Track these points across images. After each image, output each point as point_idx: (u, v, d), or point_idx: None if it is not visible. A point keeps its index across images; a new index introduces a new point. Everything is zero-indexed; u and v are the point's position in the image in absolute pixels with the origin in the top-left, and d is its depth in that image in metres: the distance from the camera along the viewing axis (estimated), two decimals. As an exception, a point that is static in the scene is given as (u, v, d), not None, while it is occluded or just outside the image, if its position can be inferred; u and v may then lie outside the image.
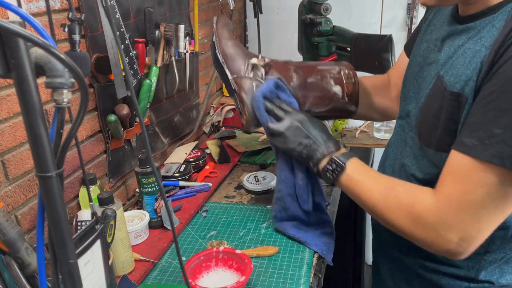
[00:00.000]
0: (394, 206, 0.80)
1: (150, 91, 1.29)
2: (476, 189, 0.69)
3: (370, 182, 0.85)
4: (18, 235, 0.72)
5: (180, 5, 1.52)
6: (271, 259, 1.05)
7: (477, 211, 0.70)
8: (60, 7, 0.99)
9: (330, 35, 1.62)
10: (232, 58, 1.03)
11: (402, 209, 0.78)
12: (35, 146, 0.38)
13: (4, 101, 0.88)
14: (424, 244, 0.78)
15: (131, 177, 1.33)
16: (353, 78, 1.07)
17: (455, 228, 0.72)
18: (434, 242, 0.75)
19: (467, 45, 0.74)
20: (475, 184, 0.69)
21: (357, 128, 1.86)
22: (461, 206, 0.71)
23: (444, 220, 0.73)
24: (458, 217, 0.72)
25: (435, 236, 0.74)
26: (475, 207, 0.70)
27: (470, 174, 0.69)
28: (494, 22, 0.70)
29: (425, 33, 0.91)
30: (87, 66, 0.72)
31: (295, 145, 0.94)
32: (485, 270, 0.83)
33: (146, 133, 0.50)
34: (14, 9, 0.39)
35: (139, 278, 0.99)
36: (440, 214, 0.73)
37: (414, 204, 0.77)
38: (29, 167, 0.95)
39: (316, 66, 1.09)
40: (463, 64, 0.73)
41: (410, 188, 0.81)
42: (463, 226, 0.72)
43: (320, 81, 1.06)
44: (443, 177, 0.75)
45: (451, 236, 0.73)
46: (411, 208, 0.77)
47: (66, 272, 0.42)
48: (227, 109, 1.84)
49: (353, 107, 1.09)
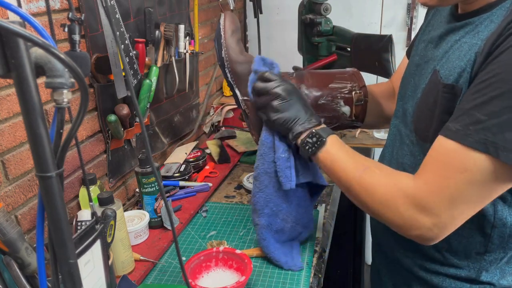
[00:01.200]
0: (368, 185, 0.79)
1: (150, 91, 1.29)
2: (456, 175, 0.68)
3: (348, 159, 0.84)
4: (18, 235, 0.72)
5: (180, 5, 1.52)
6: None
7: (453, 197, 0.69)
8: (60, 7, 0.99)
9: (330, 35, 1.62)
10: (242, 78, 0.99)
11: (377, 190, 0.78)
12: (35, 146, 0.38)
13: (4, 101, 0.88)
14: (396, 227, 0.77)
15: (131, 177, 1.33)
16: (363, 100, 1.04)
17: (430, 212, 0.71)
18: (406, 225, 0.75)
19: (464, 39, 0.74)
20: (455, 169, 0.68)
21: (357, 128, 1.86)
22: (438, 191, 0.70)
23: (420, 203, 0.72)
24: (434, 201, 0.71)
25: (408, 219, 0.74)
26: (452, 193, 0.69)
27: (451, 159, 0.69)
28: (493, 17, 0.71)
29: (423, 34, 0.91)
30: (87, 66, 0.72)
31: (278, 114, 0.90)
32: (486, 271, 0.83)
33: (146, 133, 0.50)
34: (14, 9, 0.39)
35: (139, 278, 0.99)
36: (416, 197, 0.72)
37: (390, 186, 0.76)
38: (29, 167, 0.95)
39: (329, 83, 1.05)
40: (458, 57, 0.74)
41: (389, 171, 0.81)
42: (437, 212, 0.71)
43: (330, 103, 1.04)
44: (425, 161, 0.74)
45: (425, 220, 0.72)
46: (386, 189, 0.76)
47: (66, 272, 0.42)
48: (227, 109, 1.84)
49: (359, 123, 1.08)
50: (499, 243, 0.81)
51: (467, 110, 0.67)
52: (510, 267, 0.83)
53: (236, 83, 1.00)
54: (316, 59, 1.67)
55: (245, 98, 0.99)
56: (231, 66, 0.99)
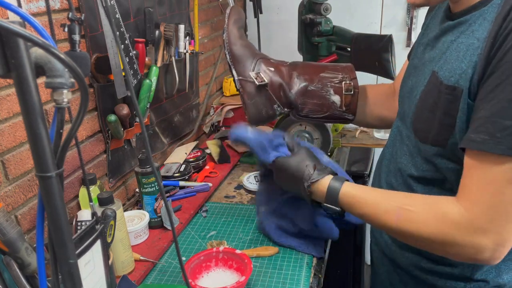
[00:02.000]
0: (412, 232, 0.75)
1: (150, 91, 1.29)
2: (502, 188, 0.66)
3: (375, 199, 0.82)
4: (18, 235, 0.72)
5: (180, 5, 1.52)
6: (271, 259, 1.05)
7: (508, 211, 0.67)
8: (60, 7, 0.99)
9: (330, 35, 1.62)
10: (239, 59, 1.08)
11: (423, 231, 0.74)
12: (35, 146, 0.38)
13: (4, 101, 0.88)
14: (460, 258, 0.74)
15: (131, 177, 1.33)
16: (353, 90, 1.07)
17: (490, 233, 0.68)
18: (469, 253, 0.71)
19: (460, 39, 0.74)
20: (500, 182, 0.66)
21: (357, 128, 1.86)
22: (491, 209, 0.67)
23: (477, 227, 0.69)
24: (490, 221, 0.68)
25: (470, 246, 0.70)
26: (506, 208, 0.67)
27: (490, 172, 0.66)
28: (485, 15, 0.71)
29: (422, 37, 0.92)
30: (87, 66, 0.72)
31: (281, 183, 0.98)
32: (481, 269, 0.83)
33: (146, 133, 0.50)
34: (14, 9, 0.39)
35: (139, 278, 0.99)
36: (470, 222, 0.69)
37: (436, 220, 0.73)
38: (29, 167, 0.95)
39: (320, 72, 1.10)
40: (457, 58, 0.73)
41: (423, 201, 0.77)
42: (497, 230, 0.68)
43: (320, 90, 1.08)
44: (464, 181, 0.71)
45: (486, 242, 0.69)
46: (434, 227, 0.73)
47: (66, 272, 0.42)
48: (227, 109, 1.84)
49: (351, 116, 1.10)
50: None
51: (488, 118, 0.66)
52: (506, 266, 0.83)
53: (233, 63, 1.09)
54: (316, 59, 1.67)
55: (240, 78, 1.07)
56: (229, 47, 1.08)
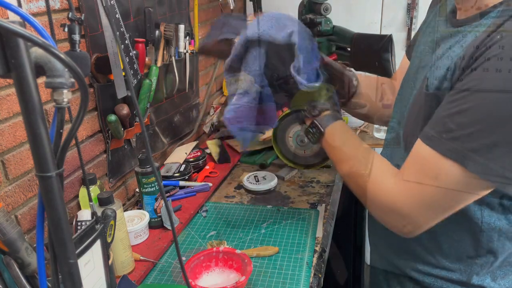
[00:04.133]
0: (357, 182, 0.86)
1: (150, 91, 1.29)
2: (431, 181, 0.71)
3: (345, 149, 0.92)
4: (18, 235, 0.72)
5: (180, 5, 1.52)
6: (271, 259, 1.05)
7: (428, 201, 0.73)
8: (60, 7, 0.99)
9: (330, 35, 1.62)
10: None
11: (364, 184, 0.83)
12: (35, 146, 0.38)
13: (4, 101, 0.88)
14: (378, 219, 0.83)
15: (131, 177, 1.33)
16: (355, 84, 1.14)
17: (405, 214, 0.76)
18: (385, 220, 0.81)
19: (454, 48, 0.75)
20: (431, 175, 0.71)
21: (357, 128, 1.86)
22: (415, 194, 0.74)
23: (396, 204, 0.77)
24: (409, 204, 0.75)
25: (387, 215, 0.80)
26: (427, 198, 0.73)
27: (427, 164, 0.72)
28: (480, 27, 0.71)
29: (423, 35, 0.92)
30: (87, 66, 0.72)
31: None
32: (477, 275, 0.84)
33: (146, 133, 0.50)
34: (14, 9, 0.39)
35: (139, 278, 0.99)
36: (394, 199, 0.77)
37: (376, 183, 0.81)
38: (29, 167, 0.95)
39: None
40: (443, 66, 0.74)
41: (376, 165, 0.85)
42: (411, 214, 0.76)
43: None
44: (406, 161, 0.78)
45: (400, 219, 0.78)
46: (372, 186, 0.82)
47: (66, 272, 0.42)
48: (227, 109, 1.83)
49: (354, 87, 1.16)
50: (489, 247, 0.81)
51: (442, 118, 0.70)
52: (502, 271, 0.83)
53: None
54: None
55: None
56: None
